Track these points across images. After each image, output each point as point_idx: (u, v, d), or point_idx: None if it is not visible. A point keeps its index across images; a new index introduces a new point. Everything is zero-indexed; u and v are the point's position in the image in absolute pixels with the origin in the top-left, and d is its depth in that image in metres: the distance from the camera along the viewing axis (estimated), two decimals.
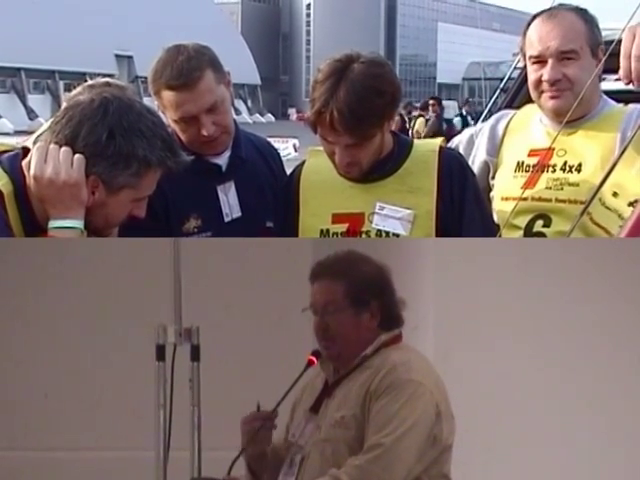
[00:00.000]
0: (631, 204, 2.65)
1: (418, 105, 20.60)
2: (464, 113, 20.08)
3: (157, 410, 2.60)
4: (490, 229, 2.85)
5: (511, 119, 3.10)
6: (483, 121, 3.62)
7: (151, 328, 2.62)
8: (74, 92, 2.90)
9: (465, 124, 16.47)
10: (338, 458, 2.36)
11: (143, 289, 3.10)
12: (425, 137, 13.67)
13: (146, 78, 2.88)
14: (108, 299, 3.17)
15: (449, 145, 3.11)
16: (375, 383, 2.37)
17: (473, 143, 3.15)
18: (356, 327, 2.44)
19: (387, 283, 2.47)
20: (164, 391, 2.60)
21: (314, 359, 2.47)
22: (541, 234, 2.88)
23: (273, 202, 2.95)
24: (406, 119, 18.05)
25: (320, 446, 2.41)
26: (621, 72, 2.33)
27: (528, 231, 2.89)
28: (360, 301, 2.43)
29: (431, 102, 17.85)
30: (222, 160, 2.95)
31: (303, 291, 2.49)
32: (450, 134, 12.91)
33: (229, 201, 2.94)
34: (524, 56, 2.94)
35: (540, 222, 2.88)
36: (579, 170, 2.86)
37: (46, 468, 3.18)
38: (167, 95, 2.80)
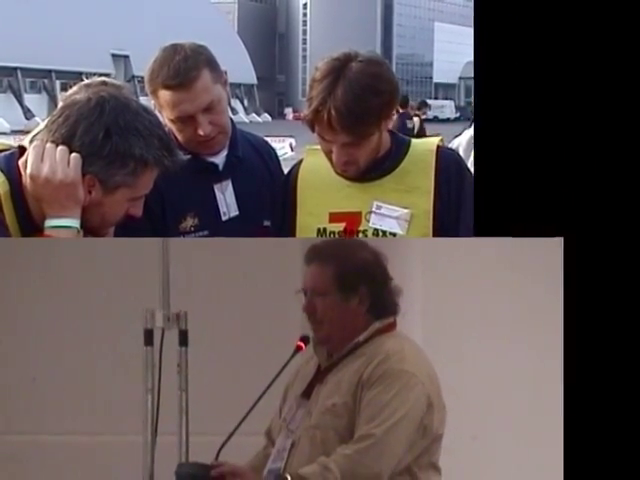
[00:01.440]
0: None
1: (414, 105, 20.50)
2: None
3: (145, 395, 2.60)
4: None
5: None
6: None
7: (139, 313, 2.61)
8: (70, 91, 2.87)
9: None
10: (328, 445, 2.36)
11: (131, 274, 3.09)
12: None
13: (142, 77, 2.88)
14: (96, 284, 3.16)
15: (449, 146, 3.11)
16: (368, 372, 2.37)
17: (472, 145, 3.13)
18: (344, 312, 2.43)
19: (380, 270, 2.46)
20: (152, 376, 2.60)
21: (302, 345, 2.47)
22: None
23: (270, 201, 2.95)
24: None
25: (310, 432, 2.41)
26: None
27: None
28: (348, 286, 2.42)
29: None
30: (219, 159, 2.95)
31: (293, 276, 2.49)
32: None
33: (226, 200, 2.94)
34: None
35: None
36: None
37: (33, 452, 3.17)
38: (164, 95, 2.79)
